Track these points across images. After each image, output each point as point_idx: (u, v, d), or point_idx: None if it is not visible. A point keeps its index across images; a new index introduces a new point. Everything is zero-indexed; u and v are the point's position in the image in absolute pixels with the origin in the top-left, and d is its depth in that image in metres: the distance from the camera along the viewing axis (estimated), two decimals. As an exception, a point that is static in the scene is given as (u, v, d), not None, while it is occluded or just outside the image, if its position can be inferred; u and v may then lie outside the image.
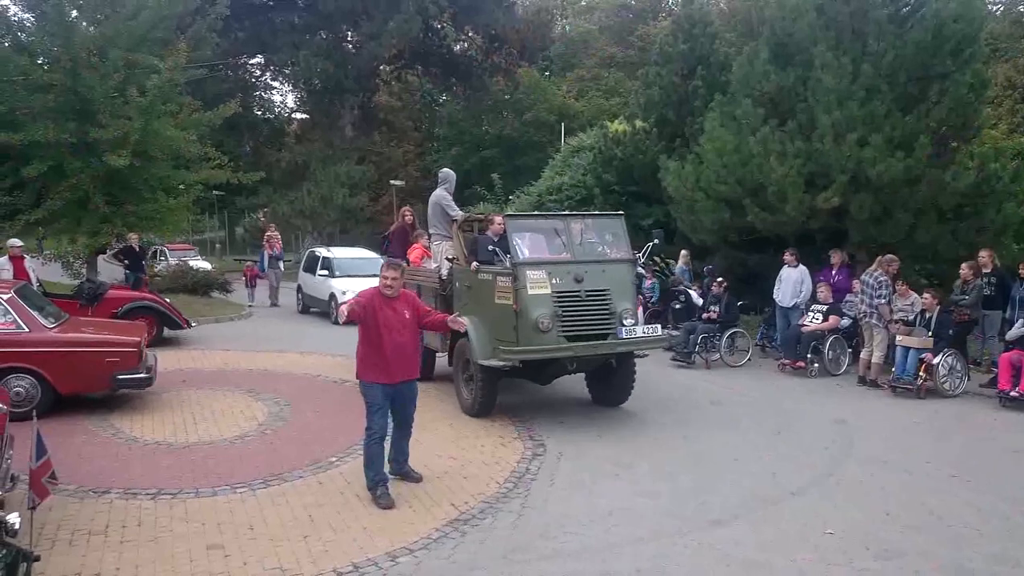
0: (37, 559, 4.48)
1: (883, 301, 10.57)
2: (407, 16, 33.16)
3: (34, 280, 12.32)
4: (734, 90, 13.76)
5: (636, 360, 8.72)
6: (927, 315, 10.16)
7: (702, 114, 14.96)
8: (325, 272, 17.60)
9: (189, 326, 13.88)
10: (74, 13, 16.30)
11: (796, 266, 12.05)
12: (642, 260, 8.41)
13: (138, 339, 8.75)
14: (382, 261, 7.42)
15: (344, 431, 7.62)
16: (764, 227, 12.77)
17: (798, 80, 12.54)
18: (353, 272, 17.22)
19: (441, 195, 9.92)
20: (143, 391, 9.06)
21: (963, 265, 10.69)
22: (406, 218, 11.53)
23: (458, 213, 9.77)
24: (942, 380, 9.80)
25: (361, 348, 6.06)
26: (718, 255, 14.40)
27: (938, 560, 4.93)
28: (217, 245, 42.66)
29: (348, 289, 15.18)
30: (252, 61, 40.75)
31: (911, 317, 10.40)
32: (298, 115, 46.70)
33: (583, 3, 52.37)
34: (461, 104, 43.09)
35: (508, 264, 7.95)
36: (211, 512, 5.66)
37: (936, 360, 9.75)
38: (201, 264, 24.69)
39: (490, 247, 8.37)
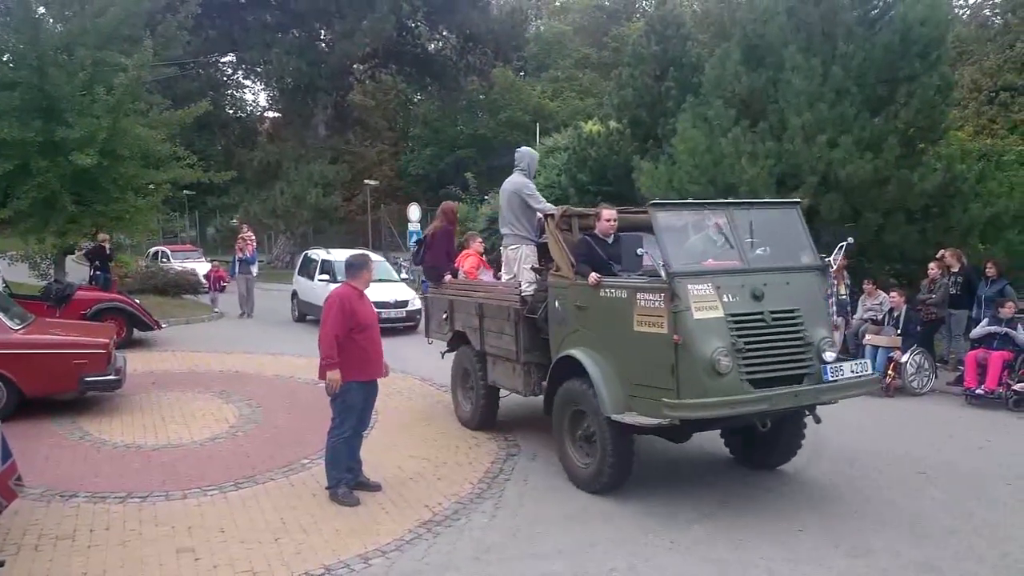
0: (2, 564, 4.42)
1: None
2: (381, 15, 33.06)
3: (-1, 281, 12.11)
4: (706, 91, 13.88)
5: None
6: (895, 313, 10.35)
7: (675, 115, 15.09)
8: (326, 277, 15.88)
9: (159, 327, 13.73)
10: (41, 10, 16.05)
11: None
12: (833, 267, 6.41)
13: (106, 341, 8.64)
14: (351, 260, 6.40)
15: (316, 432, 7.51)
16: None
17: (769, 82, 12.68)
18: None
19: (520, 183, 7.41)
20: (112, 393, 8.95)
21: (931, 264, 10.93)
22: (455, 214, 8.98)
23: (547, 205, 7.30)
24: (910, 379, 9.95)
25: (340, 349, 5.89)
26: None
27: (907, 557, 5.00)
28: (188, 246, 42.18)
29: None
30: (224, 59, 40.44)
31: (880, 316, 10.56)
32: (270, 114, 46.40)
33: (557, 3, 52.60)
34: (436, 104, 43.04)
35: (663, 275, 5.43)
36: (181, 515, 5.59)
37: (904, 359, 9.91)
38: (207, 267, 24.15)
39: (640, 250, 5.74)
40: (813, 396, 5.66)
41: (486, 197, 24.71)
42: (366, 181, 34.61)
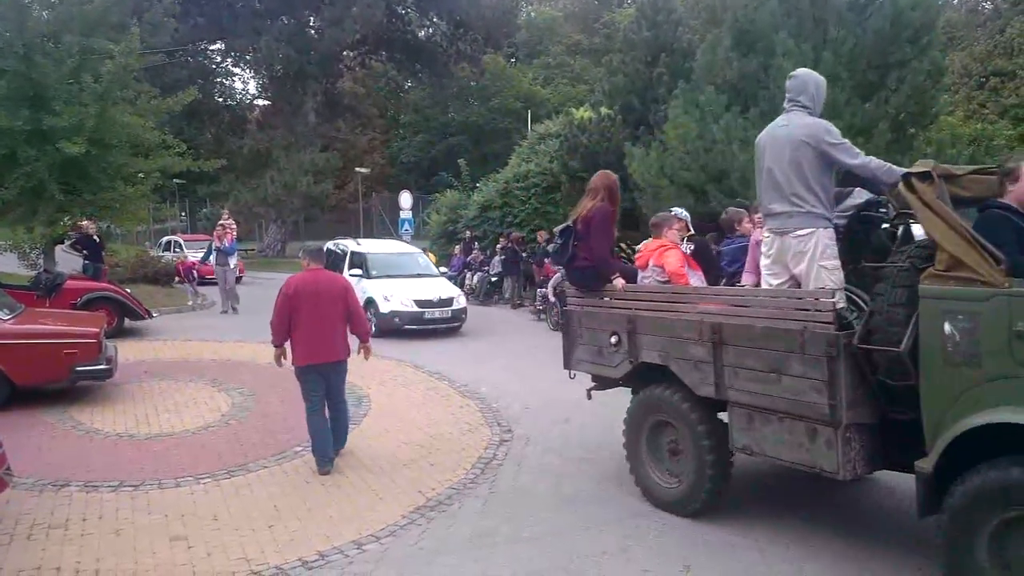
0: (-6, 554, 4.41)
1: None
2: (370, 1, 32.93)
3: (-12, 271, 12.03)
4: (697, 77, 13.88)
5: None
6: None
7: (666, 101, 15.08)
8: (358, 272, 14.41)
9: (150, 316, 13.69)
10: (27, -3, 15.89)
11: None
12: None
13: (97, 330, 8.60)
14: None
15: (309, 420, 7.55)
16: (728, 213, 12.91)
17: (760, 67, 12.66)
18: (393, 271, 14.70)
19: (815, 126, 4.52)
20: (103, 383, 8.92)
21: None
22: (618, 190, 6.09)
23: (877, 161, 4.44)
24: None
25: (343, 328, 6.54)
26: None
27: (910, 533, 5.04)
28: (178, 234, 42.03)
29: (391, 293, 13.52)
30: (212, 47, 40.17)
31: None
32: (260, 102, 46.14)
33: (548, -11, 52.35)
34: (426, 91, 42.92)
35: None
36: (174, 504, 5.59)
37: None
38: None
39: None
40: None
41: (478, 184, 24.66)
42: (357, 169, 34.50)
